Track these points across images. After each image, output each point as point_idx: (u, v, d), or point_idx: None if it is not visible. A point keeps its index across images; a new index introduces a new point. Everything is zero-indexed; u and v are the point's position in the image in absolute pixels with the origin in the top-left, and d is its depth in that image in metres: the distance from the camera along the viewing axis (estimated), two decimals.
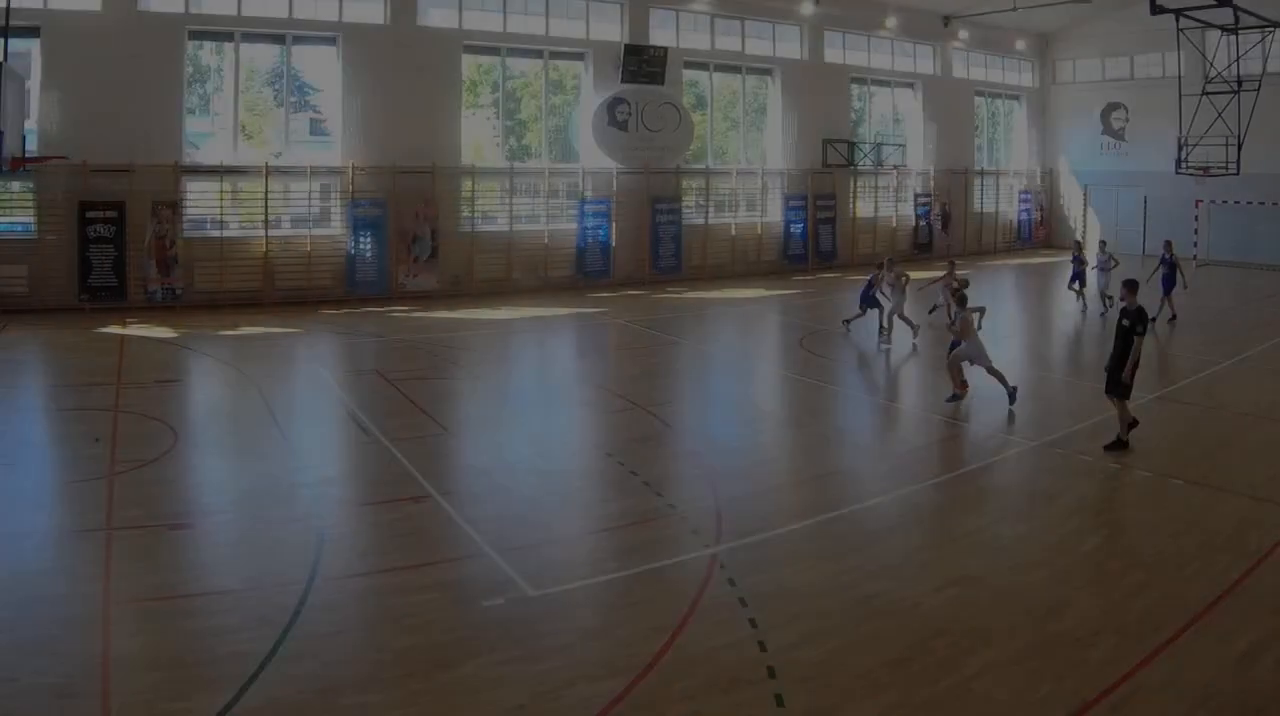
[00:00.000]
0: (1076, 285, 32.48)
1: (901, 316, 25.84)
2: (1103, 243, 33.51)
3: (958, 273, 26.10)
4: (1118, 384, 16.10)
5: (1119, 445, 16.15)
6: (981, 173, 51.64)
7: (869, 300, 26.35)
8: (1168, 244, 30.75)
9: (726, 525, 12.89)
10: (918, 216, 47.90)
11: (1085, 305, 31.14)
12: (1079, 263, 32.45)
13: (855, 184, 45.72)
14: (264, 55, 33.73)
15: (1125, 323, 16.09)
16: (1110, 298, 29.78)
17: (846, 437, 18.19)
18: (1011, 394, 18.84)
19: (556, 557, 11.99)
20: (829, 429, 18.54)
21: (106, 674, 8.80)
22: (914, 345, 25.33)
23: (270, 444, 16.70)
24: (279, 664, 9.08)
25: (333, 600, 10.53)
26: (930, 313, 27.83)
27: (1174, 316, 29.36)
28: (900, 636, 9.83)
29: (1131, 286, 16.41)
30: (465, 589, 10.91)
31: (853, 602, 10.61)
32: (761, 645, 9.59)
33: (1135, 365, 16.00)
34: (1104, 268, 30.82)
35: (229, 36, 31.78)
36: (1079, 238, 39.78)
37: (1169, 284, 29.61)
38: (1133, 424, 16.29)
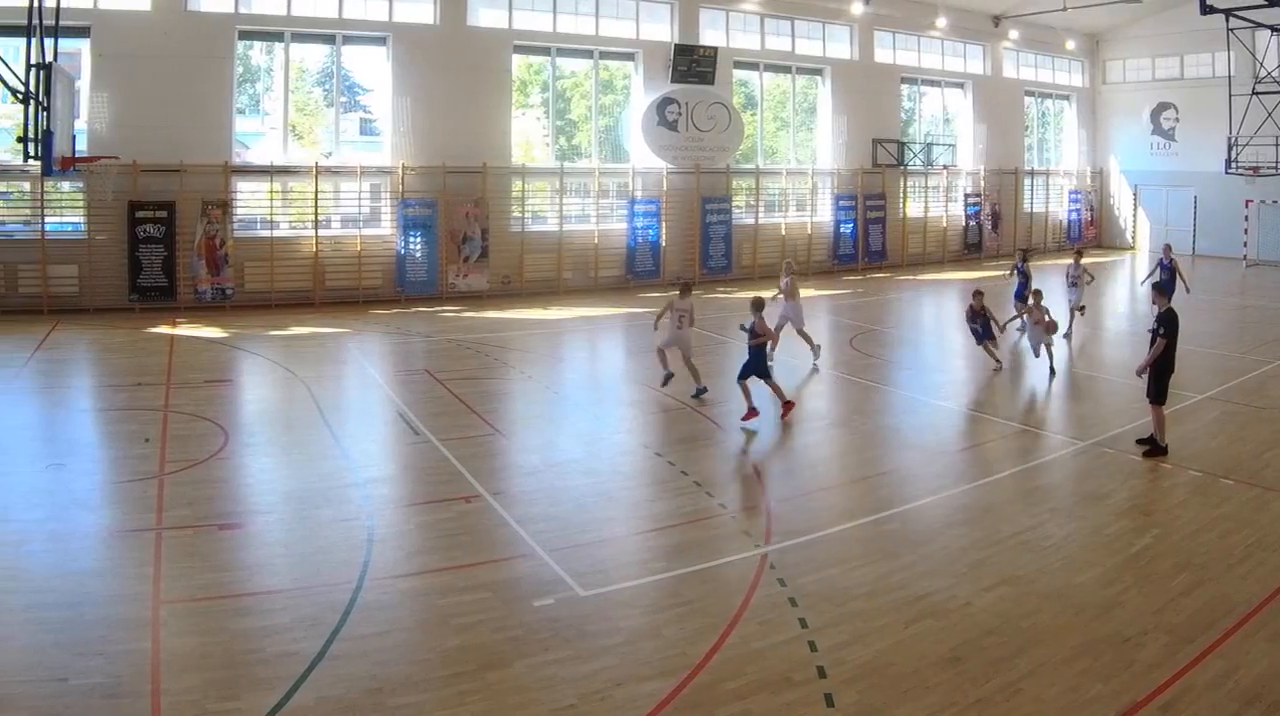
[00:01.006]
0: (1016, 307, 26.03)
1: (801, 332, 23.15)
2: (1078, 252, 28.66)
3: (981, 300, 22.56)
4: (1151, 387, 15.77)
5: (1156, 450, 15.76)
6: (1031, 173, 50.39)
7: (977, 333, 23.35)
8: (1166, 248, 28.34)
9: (776, 525, 12.71)
10: (968, 216, 46.78)
11: (1024, 327, 24.44)
12: (1022, 275, 26.85)
13: (905, 184, 44.68)
14: (314, 55, 33.25)
15: (1154, 327, 15.83)
16: (1082, 310, 26.38)
17: (897, 438, 17.54)
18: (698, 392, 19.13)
19: (606, 557, 11.78)
20: (879, 429, 17.94)
21: (156, 673, 8.67)
22: (815, 366, 22.64)
23: (320, 444, 16.30)
24: (329, 663, 8.96)
25: (383, 600, 10.36)
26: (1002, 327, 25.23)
27: None
28: (950, 636, 9.68)
29: (1160, 289, 16.43)
30: (515, 589, 10.73)
31: (903, 602, 10.43)
32: (811, 645, 9.45)
33: (1155, 365, 15.62)
34: (1075, 282, 26.00)
35: (279, 36, 31.21)
36: (1024, 246, 33.64)
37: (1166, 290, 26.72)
38: (1161, 450, 15.81)
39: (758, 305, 18.01)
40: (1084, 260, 26.99)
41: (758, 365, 17.78)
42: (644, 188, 37.01)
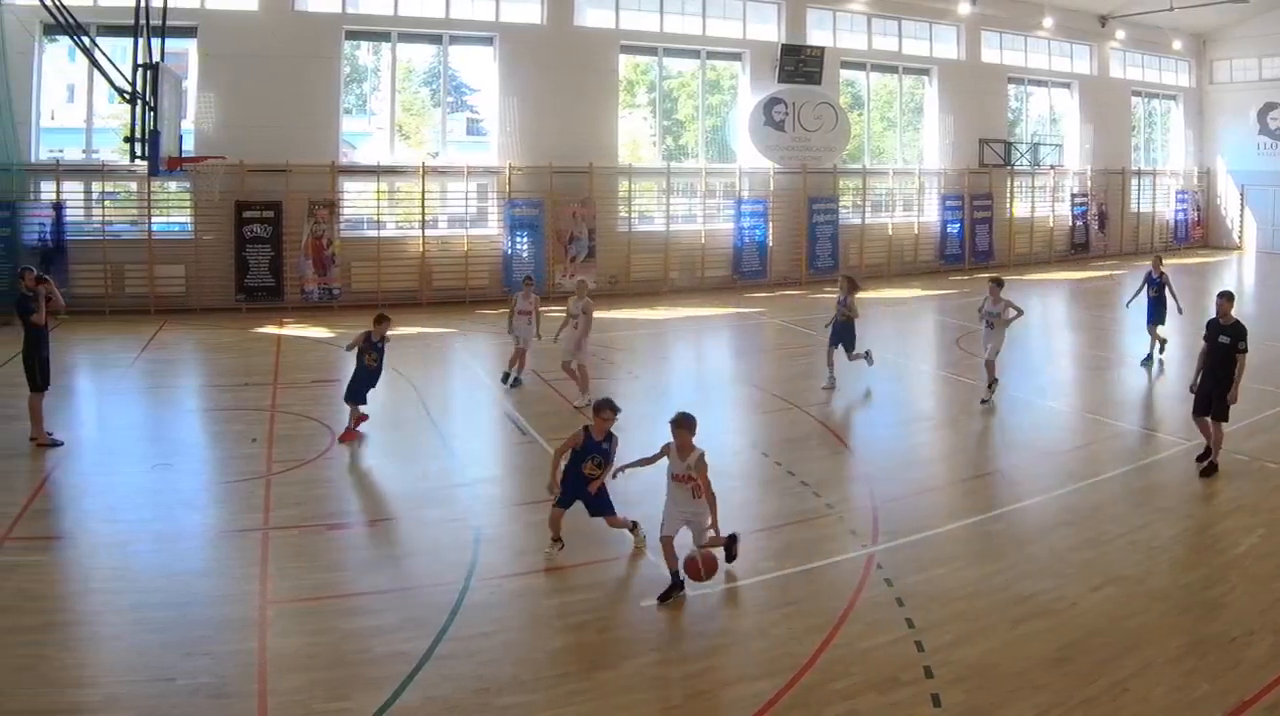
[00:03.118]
0: (838, 350, 19.42)
1: (580, 366, 18.39)
2: (997, 282, 18.22)
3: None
4: (1219, 405, 13.95)
5: (1210, 468, 14.11)
6: (1138, 172, 47.31)
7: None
8: (1156, 259, 22.43)
9: (884, 525, 12.20)
10: (1074, 216, 44.13)
11: (833, 382, 19.23)
12: (844, 308, 19.24)
13: (1012, 184, 42.03)
14: (421, 55, 32.15)
15: (1225, 339, 13.92)
16: (994, 378, 18.12)
17: (1003, 438, 16.77)
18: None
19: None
20: (985, 429, 17.12)
21: (263, 673, 8.40)
22: (577, 406, 17.86)
23: (427, 444, 15.84)
24: (436, 663, 8.67)
25: (490, 600, 10.00)
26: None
27: (1163, 343, 21.58)
28: (1057, 636, 9.25)
29: (1228, 297, 14.15)
30: (622, 589, 10.44)
31: (1009, 602, 9.98)
32: (919, 645, 9.05)
33: (1238, 384, 13.94)
34: (990, 321, 17.96)
35: (386, 36, 30.21)
36: (845, 273, 21.96)
37: (1155, 310, 21.45)
38: (1211, 467, 14.17)
39: (379, 319, 16.11)
40: (1006, 290, 18.51)
41: (372, 381, 16.04)
42: (751, 187, 35.17)
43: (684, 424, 10.18)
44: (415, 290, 29.48)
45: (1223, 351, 13.81)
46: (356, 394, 15.66)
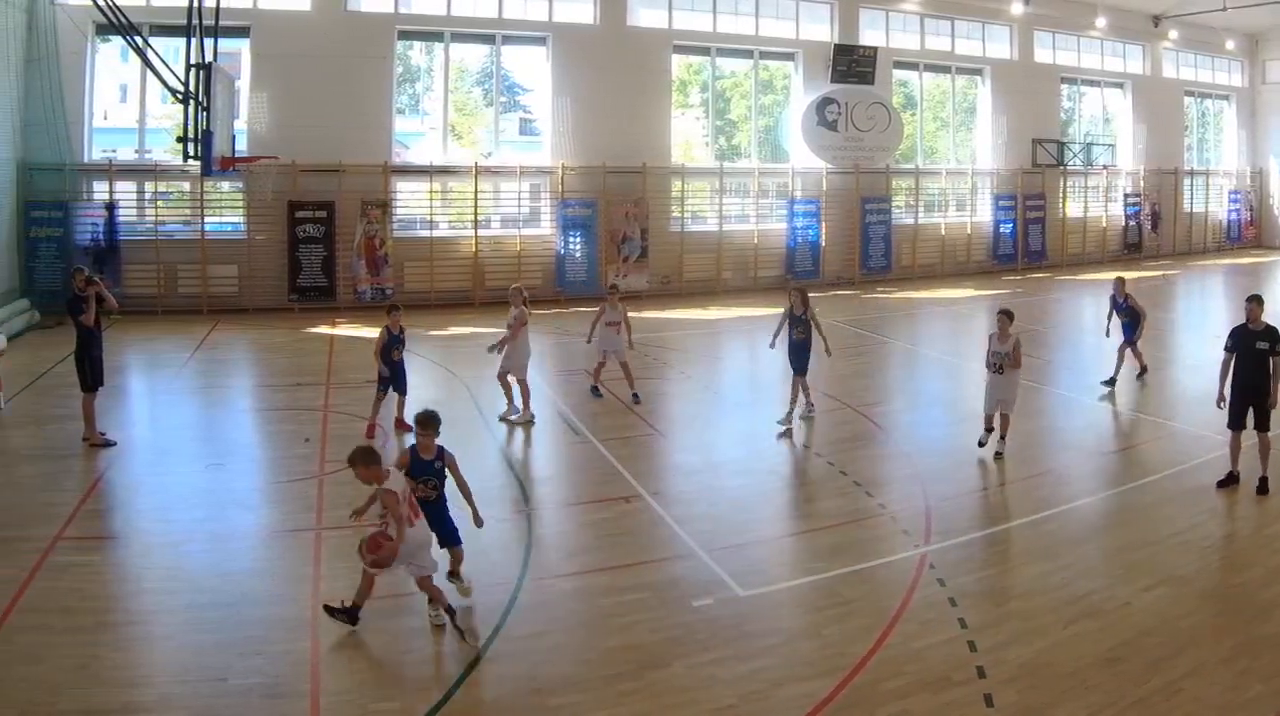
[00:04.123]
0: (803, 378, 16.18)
1: (508, 380, 16.73)
2: (1007, 314, 14.46)
3: None
4: (1260, 416, 13.01)
5: (1262, 486, 13.01)
6: (1191, 172, 45.71)
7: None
8: (1118, 282, 19.75)
9: (936, 525, 11.86)
10: (1127, 216, 42.52)
11: (790, 420, 16.09)
12: (800, 325, 16.07)
13: (1065, 184, 40.56)
14: (474, 55, 31.30)
15: (1263, 345, 12.92)
16: (1004, 433, 14.56)
17: (1056, 438, 16.10)
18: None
19: (766, 557, 11.11)
20: (1038, 430, 16.25)
21: (315, 673, 8.28)
22: (503, 417, 16.64)
23: (480, 444, 15.23)
24: (488, 663, 8.57)
25: (542, 600, 9.83)
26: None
27: (1144, 369, 19.53)
28: (1109, 636, 9.02)
29: (1259, 301, 13.14)
30: (674, 589, 10.11)
31: (1062, 602, 9.72)
32: (971, 645, 8.85)
33: (1277, 388, 12.98)
34: (999, 364, 14.33)
35: (439, 36, 29.37)
36: (796, 286, 18.37)
37: (1132, 331, 19.33)
38: (1233, 478, 13.27)
39: (390, 310, 15.82)
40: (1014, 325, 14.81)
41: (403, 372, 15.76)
42: (803, 187, 33.91)
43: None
44: (468, 290, 28.63)
45: (1259, 358, 12.86)
46: (399, 386, 15.52)
